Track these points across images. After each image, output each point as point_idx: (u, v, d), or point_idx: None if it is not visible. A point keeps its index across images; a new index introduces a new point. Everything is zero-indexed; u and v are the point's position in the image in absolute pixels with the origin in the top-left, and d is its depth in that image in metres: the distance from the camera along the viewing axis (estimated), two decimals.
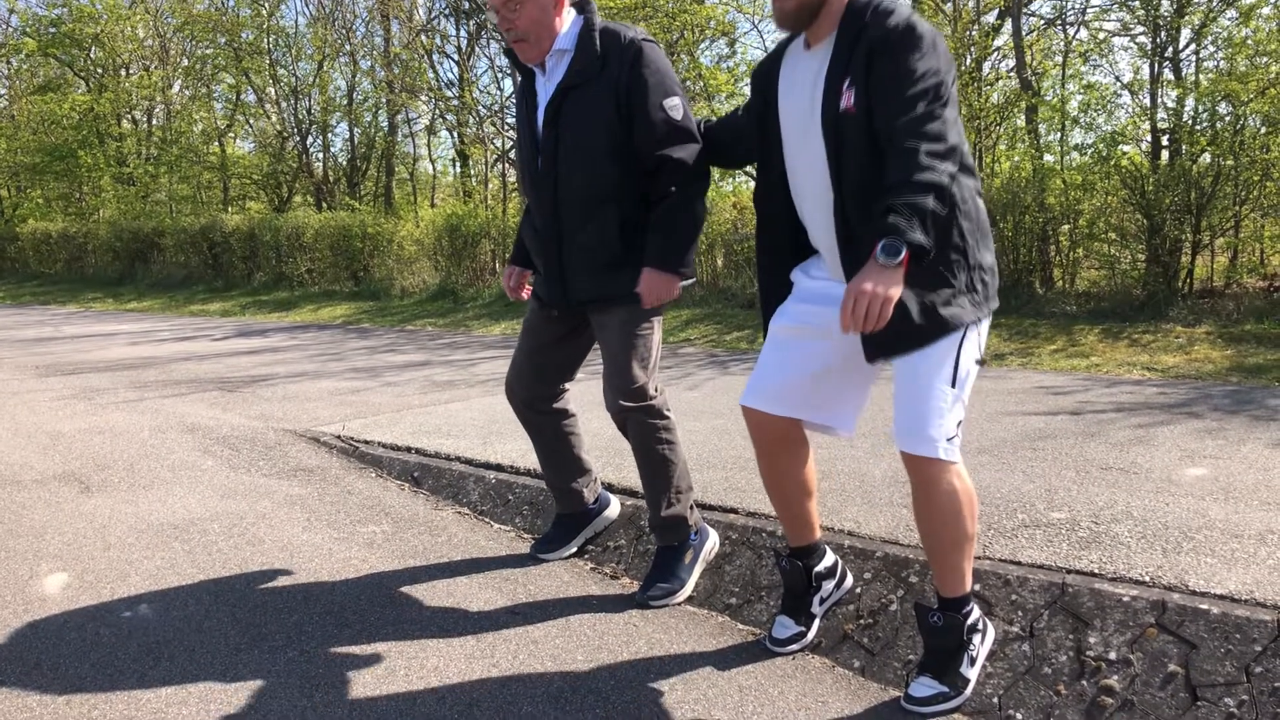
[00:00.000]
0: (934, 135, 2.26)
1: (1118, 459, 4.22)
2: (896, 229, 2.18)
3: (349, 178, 22.89)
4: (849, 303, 2.19)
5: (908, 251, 2.18)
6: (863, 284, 2.18)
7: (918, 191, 2.20)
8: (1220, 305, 8.99)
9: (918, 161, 2.23)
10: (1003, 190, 10.21)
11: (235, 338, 10.96)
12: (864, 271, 2.20)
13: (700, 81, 15.54)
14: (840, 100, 2.42)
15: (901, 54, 2.32)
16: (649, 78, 3.01)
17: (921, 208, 2.19)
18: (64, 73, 27.09)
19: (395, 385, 7.09)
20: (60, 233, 22.25)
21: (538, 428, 3.48)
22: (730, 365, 7.74)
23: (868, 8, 2.42)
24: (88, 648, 2.90)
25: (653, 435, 3.19)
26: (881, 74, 2.34)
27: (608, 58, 3.03)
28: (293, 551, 3.68)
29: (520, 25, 3.02)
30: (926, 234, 2.19)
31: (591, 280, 3.14)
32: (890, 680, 2.69)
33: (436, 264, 14.93)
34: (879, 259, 2.18)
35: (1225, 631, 2.51)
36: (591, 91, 3.03)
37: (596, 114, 3.03)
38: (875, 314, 2.17)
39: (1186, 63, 11.40)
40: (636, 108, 3.01)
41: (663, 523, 3.25)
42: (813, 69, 2.53)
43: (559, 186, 3.12)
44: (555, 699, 2.58)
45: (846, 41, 2.43)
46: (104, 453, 5.20)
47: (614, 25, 3.08)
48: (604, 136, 3.04)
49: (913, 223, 2.18)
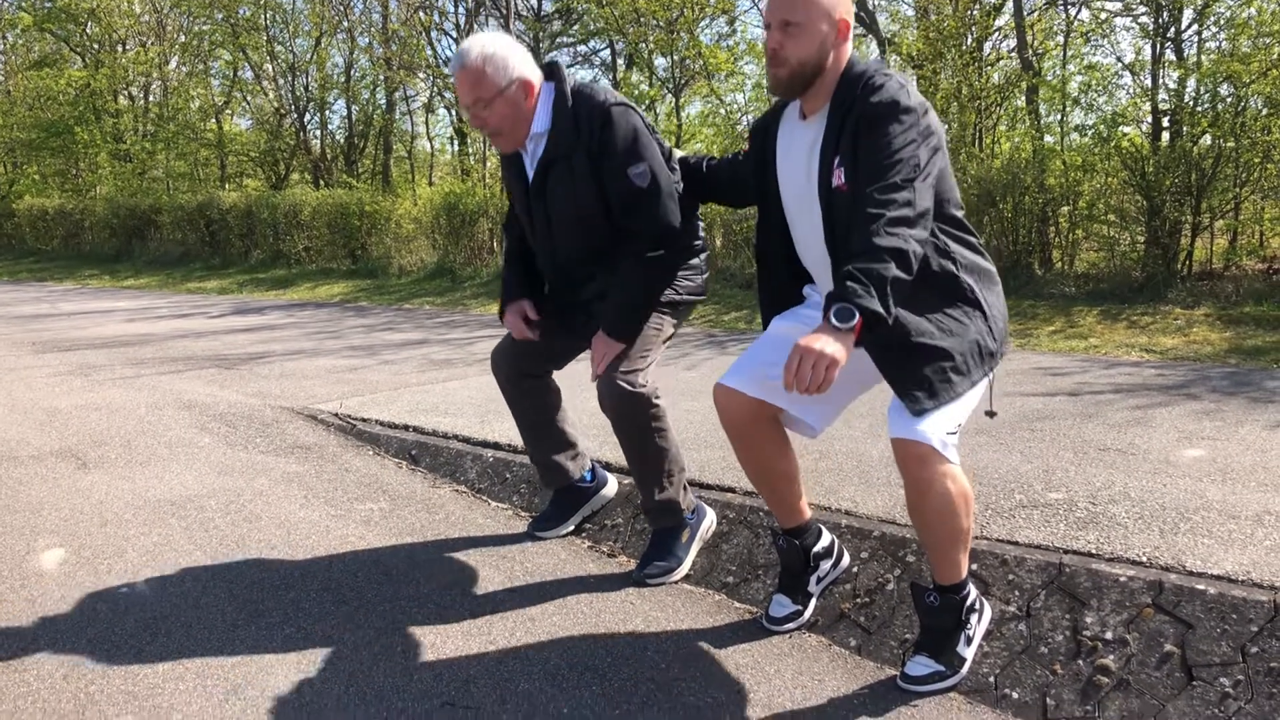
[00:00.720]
0: (900, 203, 2.26)
1: (1115, 440, 4.22)
2: (852, 294, 2.16)
3: (346, 155, 22.81)
4: (794, 360, 2.14)
5: (860, 318, 2.15)
6: (810, 343, 2.14)
7: (878, 258, 2.19)
8: (1219, 287, 8.98)
9: (880, 229, 2.23)
10: (1002, 171, 10.18)
11: (232, 315, 10.94)
12: (814, 332, 2.17)
13: (700, 60, 15.48)
14: (832, 177, 2.45)
15: (882, 129, 2.34)
16: (616, 144, 2.99)
17: (880, 274, 2.18)
18: (60, 48, 26.94)
19: (393, 363, 7.08)
20: (57, 209, 22.17)
21: (518, 402, 3.47)
22: (728, 345, 7.73)
23: (859, 80, 2.44)
24: (84, 623, 2.90)
25: (642, 421, 3.15)
26: (864, 150, 2.37)
27: (580, 124, 3.02)
28: (290, 528, 3.68)
29: (493, 123, 3.03)
30: (885, 302, 2.17)
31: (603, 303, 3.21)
32: (886, 659, 2.70)
33: (434, 242, 14.89)
34: (832, 321, 2.16)
35: (1222, 612, 2.51)
36: (574, 162, 3.04)
37: (579, 184, 3.05)
38: (820, 376, 2.12)
39: (1188, 43, 11.36)
40: (605, 174, 3.02)
41: (656, 506, 3.24)
42: (808, 140, 2.55)
43: (557, 251, 3.19)
44: (552, 676, 2.58)
45: (838, 114, 2.45)
46: (101, 429, 5.19)
47: (587, 89, 3.07)
48: (590, 203, 3.06)
49: (869, 289, 2.16)
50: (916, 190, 2.29)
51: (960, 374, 2.40)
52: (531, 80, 3.03)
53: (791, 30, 2.43)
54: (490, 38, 3.01)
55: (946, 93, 12.87)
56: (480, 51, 2.96)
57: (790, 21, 2.43)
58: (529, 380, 3.44)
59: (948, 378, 2.38)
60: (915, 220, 2.26)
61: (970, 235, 2.56)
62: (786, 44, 2.44)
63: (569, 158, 3.03)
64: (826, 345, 2.13)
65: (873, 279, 2.17)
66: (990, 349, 2.49)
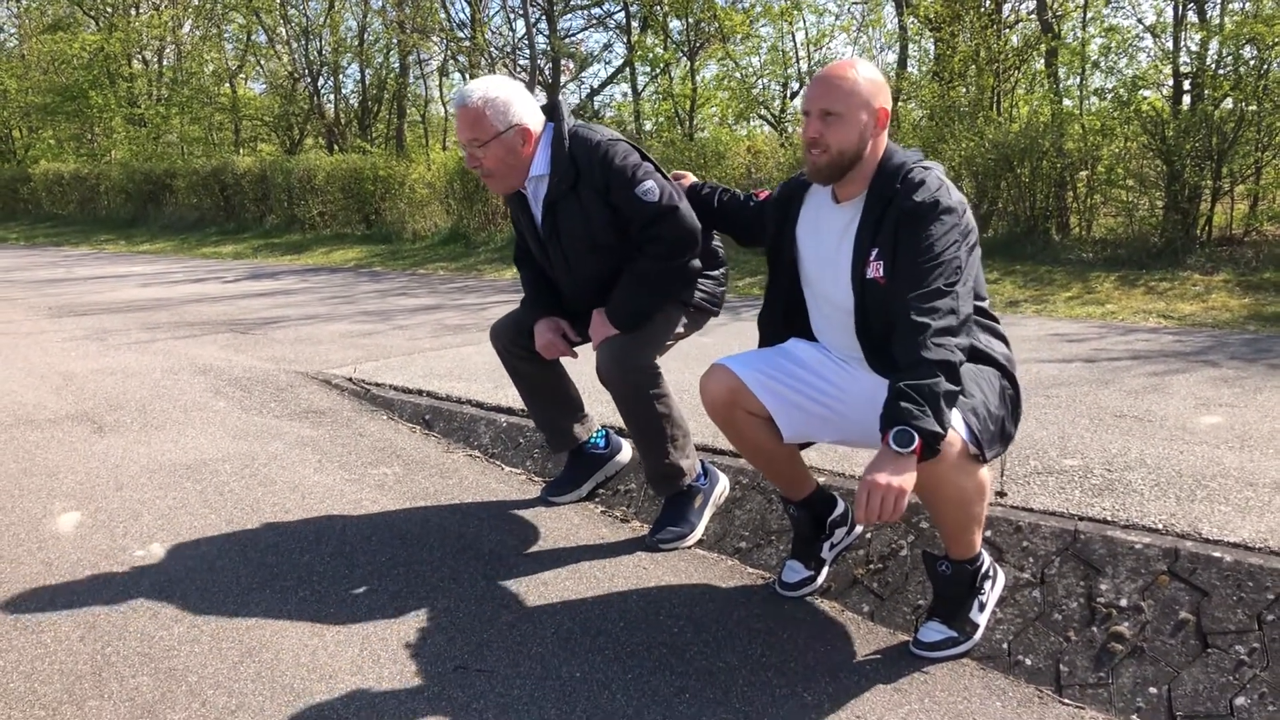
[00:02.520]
0: (945, 311, 2.26)
1: (1132, 407, 4.19)
2: (909, 416, 2.14)
3: (360, 120, 22.77)
4: (863, 496, 2.14)
5: (920, 440, 2.13)
6: (876, 477, 2.13)
7: (929, 374, 2.18)
8: (1239, 253, 8.89)
9: (928, 341, 2.21)
10: (1020, 135, 10.06)
11: (247, 280, 10.96)
12: (877, 461, 2.16)
13: (715, 23, 15.34)
14: (868, 269, 2.44)
15: (924, 229, 2.34)
16: (620, 173, 3.02)
17: (933, 391, 2.16)
18: (73, 11, 26.88)
19: (406, 328, 7.08)
20: (72, 174, 22.18)
21: (517, 368, 3.46)
22: (741, 311, 7.70)
23: (899, 173, 2.43)
24: (101, 585, 2.92)
25: (641, 393, 3.15)
26: (904, 247, 2.36)
27: (579, 165, 3.05)
28: (304, 493, 3.70)
29: (487, 164, 3.05)
30: (940, 419, 2.16)
31: None
32: (899, 625, 2.69)
33: (448, 207, 14.85)
34: (892, 447, 2.14)
35: (1238, 579, 2.50)
36: (580, 196, 3.07)
37: (587, 219, 3.09)
38: (890, 507, 2.12)
39: (1212, 4, 11.17)
40: (623, 205, 3.04)
41: (660, 473, 3.24)
42: (840, 223, 2.54)
43: (578, 282, 3.23)
44: (565, 640, 2.59)
45: (876, 205, 2.45)
46: (116, 393, 5.21)
47: (584, 129, 3.09)
48: (601, 234, 3.11)
49: (924, 409, 2.15)
50: (959, 297, 2.29)
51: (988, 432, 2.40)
52: (531, 128, 3.05)
53: (831, 120, 2.42)
54: (496, 81, 3.05)
55: (965, 55, 12.73)
56: (482, 94, 2.98)
57: (830, 111, 2.42)
58: (531, 353, 3.41)
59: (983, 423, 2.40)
60: (959, 329, 2.26)
61: (994, 322, 2.59)
62: (826, 133, 2.43)
63: (574, 192, 3.06)
64: (893, 477, 2.12)
65: (926, 397, 2.16)
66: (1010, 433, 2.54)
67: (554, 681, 2.39)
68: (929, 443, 2.15)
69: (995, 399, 2.44)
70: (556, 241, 3.16)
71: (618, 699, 2.32)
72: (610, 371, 3.10)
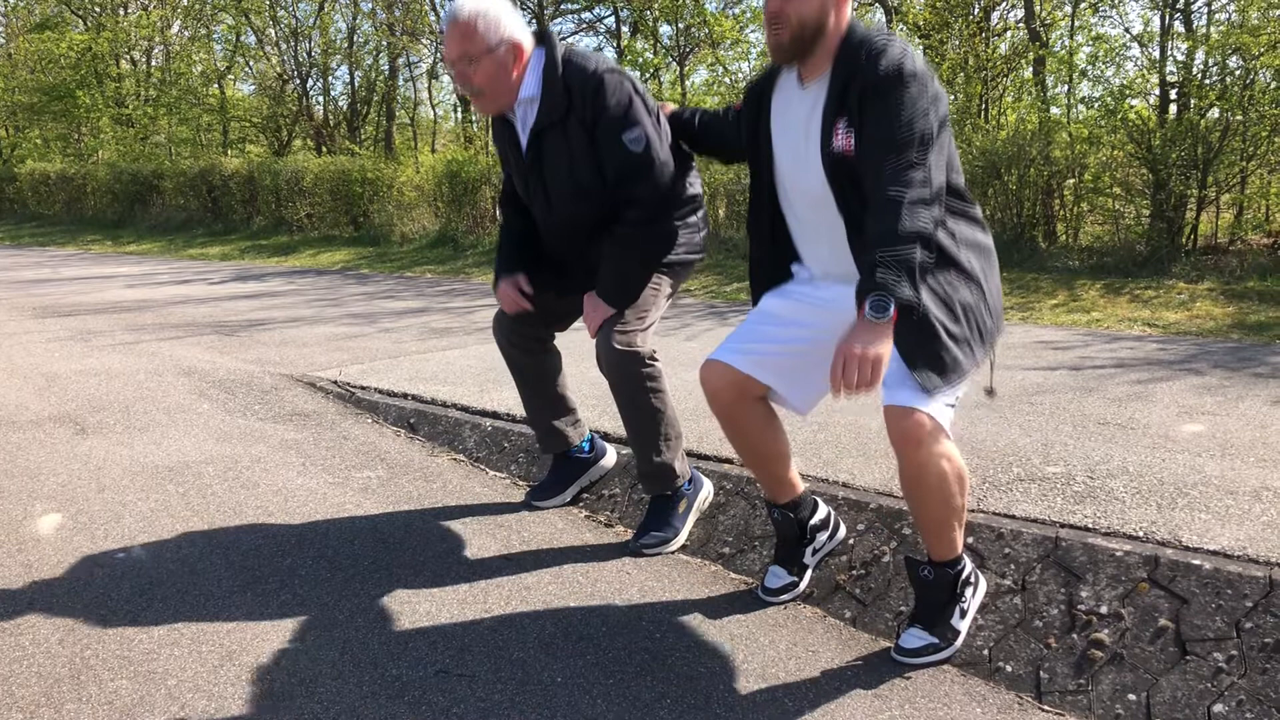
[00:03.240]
0: (918, 183, 2.24)
1: (1115, 414, 4.21)
2: (884, 285, 2.16)
3: (349, 122, 22.70)
4: (838, 365, 2.17)
5: (896, 308, 2.15)
6: (851, 346, 2.16)
7: (903, 243, 2.18)
8: (1224, 262, 8.94)
9: (902, 212, 2.21)
10: (1008, 143, 10.10)
11: (233, 281, 10.92)
12: (852, 332, 2.18)
13: (705, 28, 15.36)
14: (838, 142, 2.41)
15: (892, 98, 2.30)
16: (610, 111, 2.96)
17: (908, 260, 2.17)
18: (61, 10, 26.75)
19: (393, 331, 7.07)
20: (59, 174, 22.08)
21: (519, 362, 3.46)
22: (729, 316, 7.71)
23: (862, 47, 2.39)
24: (80, 588, 2.90)
25: (639, 383, 3.14)
26: (872, 117, 2.33)
27: (571, 93, 2.98)
28: (287, 496, 3.68)
29: (477, 81, 2.99)
30: (915, 287, 2.18)
31: None
32: (881, 631, 2.70)
33: (436, 210, 14.83)
34: (867, 316, 2.16)
35: (1217, 587, 2.51)
36: (568, 127, 3.01)
37: (573, 151, 3.03)
38: (866, 376, 2.15)
39: (1198, 15, 11.24)
40: (600, 142, 2.99)
41: (651, 470, 3.23)
42: (807, 105, 2.52)
43: (558, 220, 3.17)
44: (547, 645, 2.59)
45: (840, 80, 2.41)
46: (99, 395, 5.19)
47: (578, 57, 3.03)
48: (585, 171, 3.04)
49: (900, 277, 2.16)
50: (931, 167, 2.27)
51: (967, 353, 2.39)
52: (522, 44, 2.99)
53: None
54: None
55: (953, 63, 12.77)
56: (474, 8, 2.92)
57: None
58: (531, 344, 3.42)
59: (955, 356, 2.36)
60: (932, 200, 2.25)
61: (971, 205, 2.52)
62: (786, 7, 2.41)
63: (563, 124, 3.00)
64: (869, 345, 2.15)
65: (903, 266, 2.17)
66: (988, 326, 2.47)
67: (535, 687, 2.39)
68: (904, 312, 2.17)
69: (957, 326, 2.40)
70: (539, 175, 3.10)
71: (599, 704, 2.32)
72: (610, 357, 3.08)
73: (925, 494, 2.42)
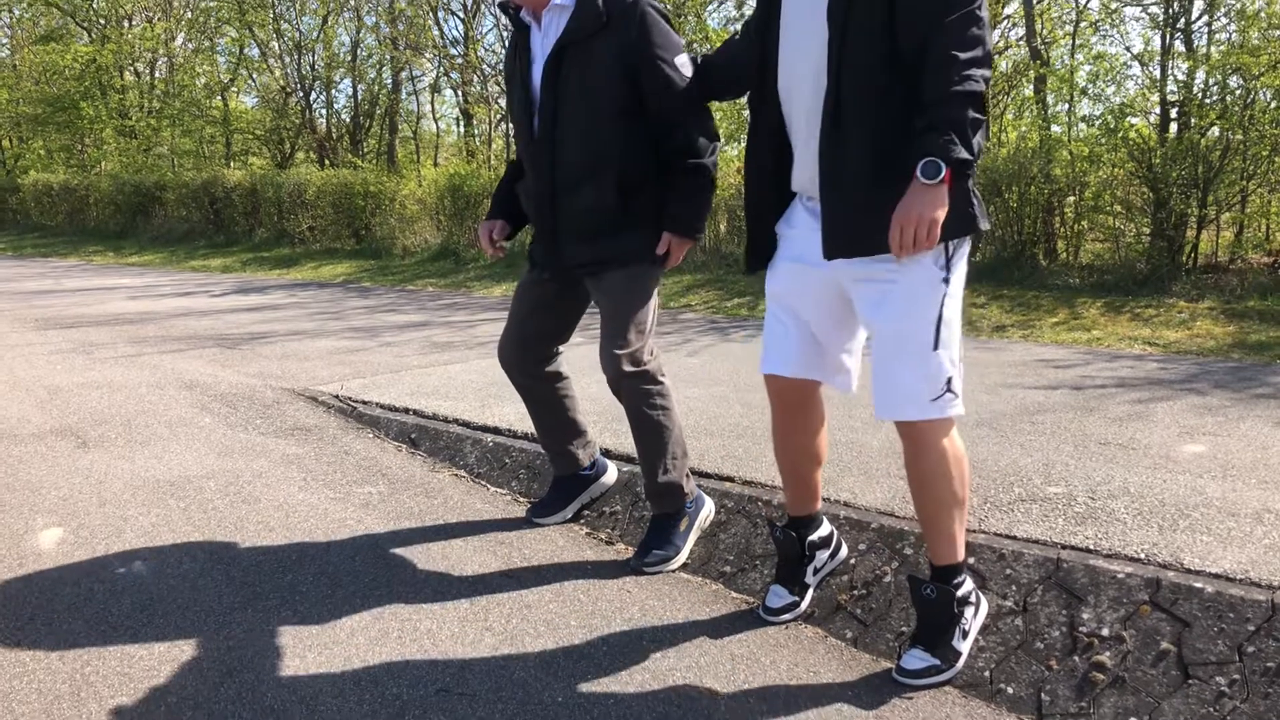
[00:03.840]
0: (973, 41, 2.24)
1: (1116, 434, 4.21)
2: (937, 148, 2.20)
3: (352, 135, 22.77)
4: (895, 232, 2.26)
5: (949, 169, 2.20)
6: (907, 211, 2.24)
7: (958, 105, 2.21)
8: (1224, 281, 8.95)
9: (957, 73, 2.21)
10: (1009, 161, 10.13)
11: (235, 294, 10.94)
12: (907, 197, 2.25)
13: (708, 43, 15.41)
14: None
15: None
16: (660, 37, 2.95)
17: (959, 120, 2.20)
18: (66, 23, 26.87)
19: (394, 345, 7.08)
20: (62, 185, 22.12)
21: (530, 391, 3.45)
22: (731, 332, 7.72)
23: None
24: (81, 603, 2.90)
25: (647, 401, 3.16)
26: None
27: (611, 15, 2.95)
28: (288, 511, 3.68)
29: None
30: (969, 148, 2.21)
31: (588, 244, 3.09)
32: (882, 651, 2.70)
33: (439, 224, 14.86)
34: (920, 179, 2.22)
35: (1219, 610, 2.51)
36: (594, 49, 2.95)
37: (599, 73, 2.96)
38: (924, 236, 2.24)
39: (1198, 35, 11.30)
40: (649, 69, 2.95)
41: (658, 489, 3.23)
42: None
43: (557, 150, 3.05)
44: (548, 664, 2.58)
45: None
46: (101, 408, 5.19)
47: None
48: (607, 98, 2.97)
49: (951, 139, 2.20)
50: (984, 25, 2.27)
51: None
52: None
53: None
54: None
55: None
56: None
57: None
58: (540, 370, 3.39)
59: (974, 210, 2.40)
60: (984, 60, 2.26)
61: None
62: None
63: (589, 43, 2.95)
64: (923, 208, 2.22)
65: (954, 126, 2.20)
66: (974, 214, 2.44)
67: (536, 706, 2.38)
68: (957, 171, 2.22)
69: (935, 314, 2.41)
70: (552, 92, 3.00)
71: None
72: (617, 377, 3.10)
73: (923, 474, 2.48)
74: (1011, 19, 14.09)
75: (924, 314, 2.40)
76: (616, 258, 3.09)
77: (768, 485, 3.54)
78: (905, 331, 2.41)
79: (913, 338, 2.41)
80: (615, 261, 3.09)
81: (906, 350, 2.41)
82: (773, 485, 3.53)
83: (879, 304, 2.44)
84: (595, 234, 3.08)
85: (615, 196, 3.04)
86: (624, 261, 3.09)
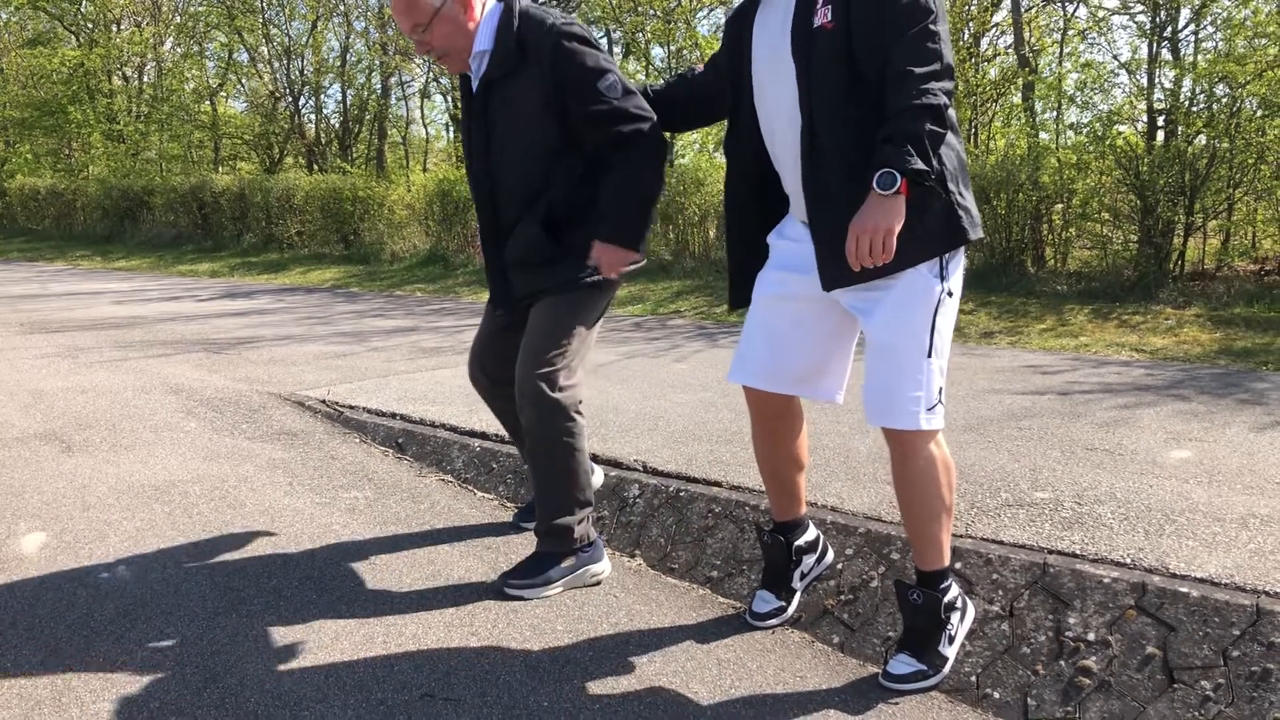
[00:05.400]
0: (930, 55, 2.25)
1: (1103, 440, 4.22)
2: (893, 159, 2.20)
3: (341, 140, 22.75)
4: (852, 243, 2.27)
5: (904, 179, 2.20)
6: (863, 222, 2.24)
7: (913, 118, 2.21)
8: (1210, 288, 8.99)
9: (915, 88, 2.22)
10: (997, 168, 10.15)
11: (222, 299, 10.90)
12: (863, 208, 2.25)
13: (697, 50, 15.44)
14: (815, 17, 2.38)
15: None
16: (577, 63, 2.88)
17: (915, 132, 2.21)
18: (54, 26, 26.77)
19: (381, 350, 7.06)
20: (49, 189, 22.03)
21: (500, 407, 3.37)
22: (719, 338, 7.72)
23: None
24: (64, 608, 2.88)
25: (557, 434, 2.98)
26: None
27: (526, 48, 2.91)
28: (274, 516, 3.67)
29: (437, 44, 2.96)
30: (926, 159, 2.22)
31: (530, 275, 3.05)
32: (869, 656, 2.69)
33: (427, 229, 14.83)
34: (876, 189, 2.23)
35: (1204, 615, 2.51)
36: (515, 84, 2.95)
37: (520, 107, 2.96)
38: (879, 247, 2.24)
39: (1185, 43, 11.37)
40: (571, 98, 2.90)
41: (550, 529, 3.05)
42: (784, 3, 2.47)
43: (494, 184, 3.08)
44: (533, 669, 2.57)
45: None
46: (86, 412, 5.17)
47: (536, 12, 2.96)
48: (531, 129, 2.96)
49: (908, 150, 2.20)
50: (941, 39, 2.27)
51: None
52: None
53: None
54: None
55: None
56: None
57: None
58: (503, 387, 3.25)
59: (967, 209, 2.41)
60: (943, 73, 2.26)
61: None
62: None
63: (511, 79, 2.94)
64: (879, 219, 2.23)
65: (909, 137, 2.21)
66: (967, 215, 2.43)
67: (521, 711, 2.37)
68: (914, 182, 2.22)
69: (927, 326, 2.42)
70: (484, 126, 3.02)
71: None
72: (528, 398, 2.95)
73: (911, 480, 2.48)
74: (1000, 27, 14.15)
75: (918, 321, 2.41)
76: (550, 289, 3.02)
77: (754, 490, 3.53)
78: (899, 339, 2.41)
79: (906, 345, 2.41)
80: (550, 292, 3.03)
81: (900, 358, 2.41)
82: (759, 490, 3.53)
83: (873, 311, 2.44)
84: (534, 266, 3.04)
85: (548, 229, 3.00)
86: (559, 292, 3.02)
